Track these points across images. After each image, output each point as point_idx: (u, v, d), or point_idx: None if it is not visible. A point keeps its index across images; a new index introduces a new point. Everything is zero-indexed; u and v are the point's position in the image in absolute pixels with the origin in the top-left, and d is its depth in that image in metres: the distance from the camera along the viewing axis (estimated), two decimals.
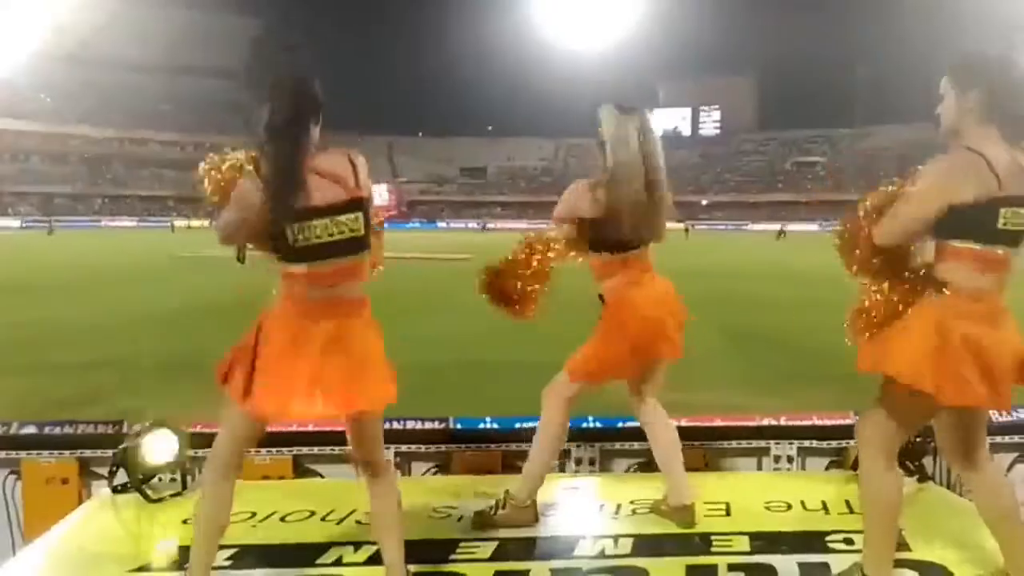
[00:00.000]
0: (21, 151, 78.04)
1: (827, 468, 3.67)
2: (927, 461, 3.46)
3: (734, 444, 3.71)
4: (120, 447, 3.34)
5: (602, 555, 2.77)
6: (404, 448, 3.67)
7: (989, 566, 2.58)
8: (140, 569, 2.70)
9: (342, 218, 2.30)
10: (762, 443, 3.70)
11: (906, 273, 2.39)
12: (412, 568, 2.56)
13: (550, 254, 3.01)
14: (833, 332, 2.47)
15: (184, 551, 2.80)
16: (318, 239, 2.27)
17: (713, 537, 2.88)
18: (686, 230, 50.72)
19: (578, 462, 3.69)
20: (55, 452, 3.50)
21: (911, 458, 3.35)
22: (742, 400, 6.44)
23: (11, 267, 23.15)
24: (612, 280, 2.98)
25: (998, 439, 3.60)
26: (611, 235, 2.91)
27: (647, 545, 2.83)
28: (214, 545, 2.46)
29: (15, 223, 64.58)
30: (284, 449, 3.59)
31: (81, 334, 10.69)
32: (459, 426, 3.72)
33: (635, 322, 2.93)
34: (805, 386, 7.17)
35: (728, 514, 3.11)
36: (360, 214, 2.34)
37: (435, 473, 3.69)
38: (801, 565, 2.64)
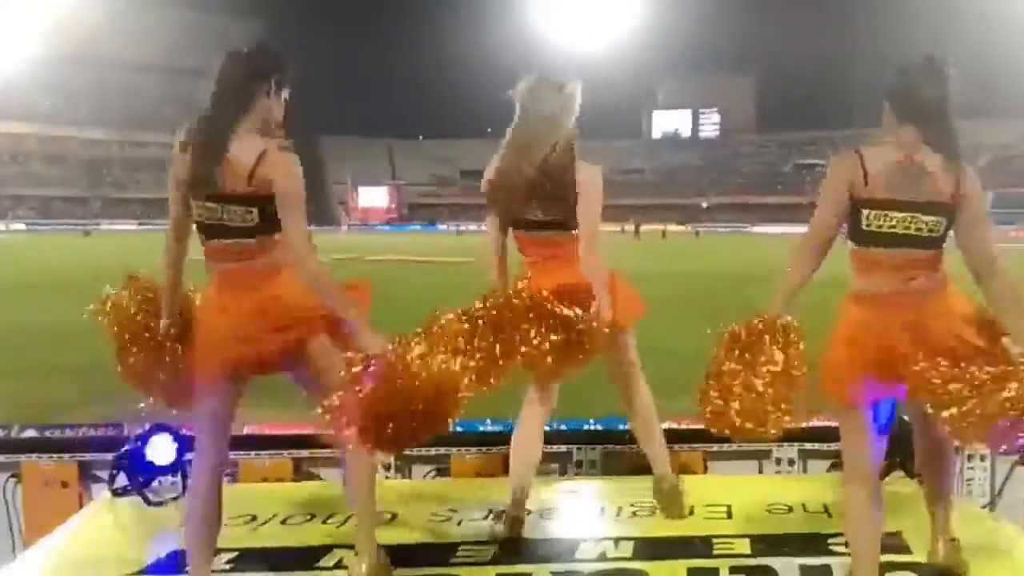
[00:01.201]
0: (20, 153, 78.03)
1: (828, 470, 3.66)
2: None
3: (735, 447, 3.71)
4: (120, 450, 3.34)
5: (603, 558, 2.77)
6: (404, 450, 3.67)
7: (989, 569, 2.58)
8: (140, 572, 2.70)
9: (229, 207, 2.31)
10: (763, 446, 3.69)
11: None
12: (413, 571, 2.56)
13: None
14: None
15: (184, 554, 2.80)
16: (201, 218, 2.36)
17: (714, 540, 2.88)
18: (696, 233, 51.03)
19: (579, 465, 3.68)
20: (55, 455, 3.49)
21: (912, 460, 3.34)
22: None
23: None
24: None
25: None
26: (504, 208, 2.88)
27: (648, 548, 2.83)
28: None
29: (18, 226, 64.50)
30: (284, 452, 3.58)
31: (80, 335, 10.67)
32: (459, 428, 3.71)
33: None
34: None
35: (729, 517, 3.11)
36: (248, 208, 2.31)
37: (435, 476, 3.69)
38: (803, 568, 2.64)
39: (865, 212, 2.28)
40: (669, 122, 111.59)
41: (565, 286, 2.79)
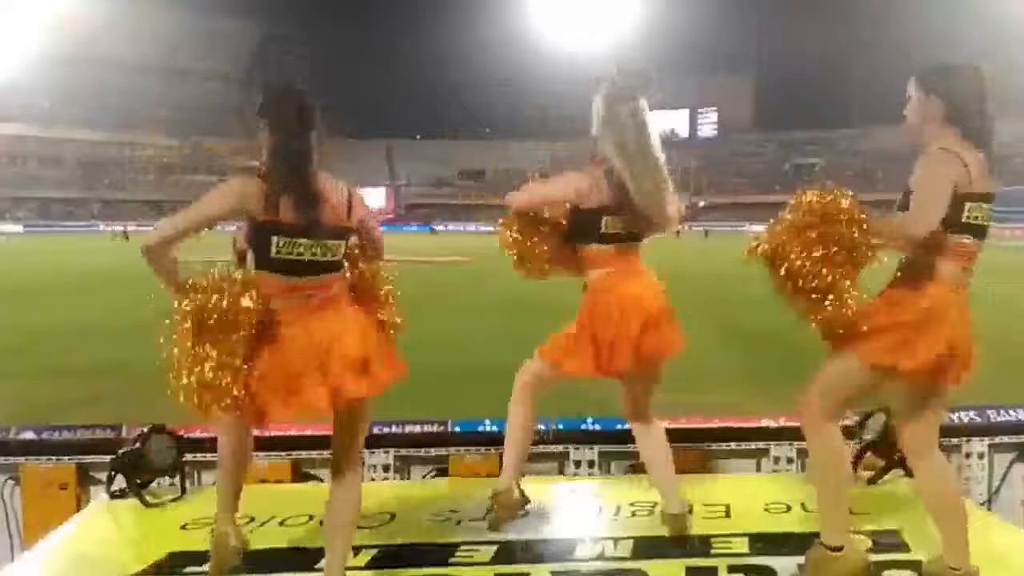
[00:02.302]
0: (18, 155, 77.94)
1: None
2: None
3: (733, 445, 3.71)
4: (118, 452, 3.34)
5: (602, 557, 2.78)
6: (403, 451, 3.67)
7: (988, 568, 2.58)
8: (138, 574, 2.69)
9: (329, 243, 2.40)
10: (761, 444, 3.70)
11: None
12: (412, 571, 2.55)
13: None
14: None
15: (182, 556, 2.80)
16: (299, 256, 2.35)
17: (713, 539, 2.88)
18: (706, 232, 51.46)
19: (577, 464, 3.69)
20: (53, 457, 3.49)
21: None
22: (741, 401, 6.43)
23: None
24: (599, 271, 2.89)
25: (997, 439, 3.60)
26: (609, 226, 2.85)
27: (647, 547, 2.84)
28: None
29: (14, 228, 64.38)
30: (283, 453, 3.58)
31: (80, 337, 10.68)
32: (458, 429, 3.72)
33: (619, 310, 2.82)
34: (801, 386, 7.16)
35: (728, 516, 3.11)
36: (343, 243, 2.46)
37: (434, 476, 3.69)
38: (801, 567, 2.63)
39: (968, 205, 2.36)
40: (667, 122, 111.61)
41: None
